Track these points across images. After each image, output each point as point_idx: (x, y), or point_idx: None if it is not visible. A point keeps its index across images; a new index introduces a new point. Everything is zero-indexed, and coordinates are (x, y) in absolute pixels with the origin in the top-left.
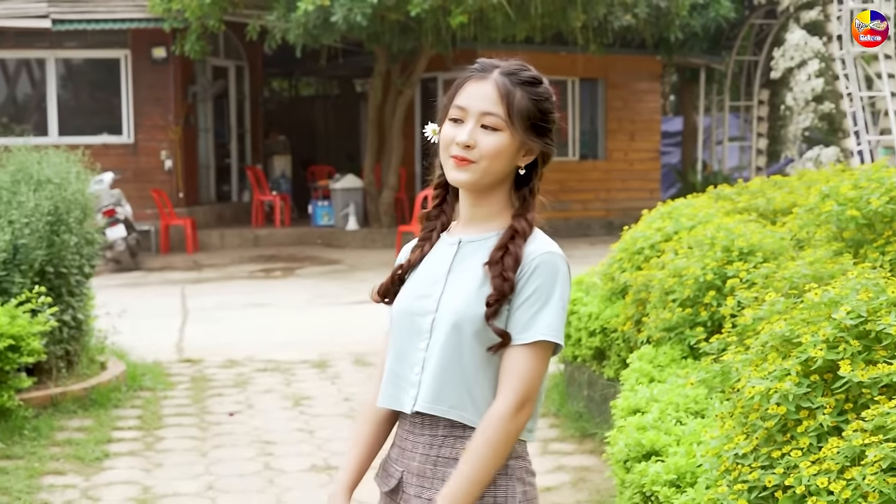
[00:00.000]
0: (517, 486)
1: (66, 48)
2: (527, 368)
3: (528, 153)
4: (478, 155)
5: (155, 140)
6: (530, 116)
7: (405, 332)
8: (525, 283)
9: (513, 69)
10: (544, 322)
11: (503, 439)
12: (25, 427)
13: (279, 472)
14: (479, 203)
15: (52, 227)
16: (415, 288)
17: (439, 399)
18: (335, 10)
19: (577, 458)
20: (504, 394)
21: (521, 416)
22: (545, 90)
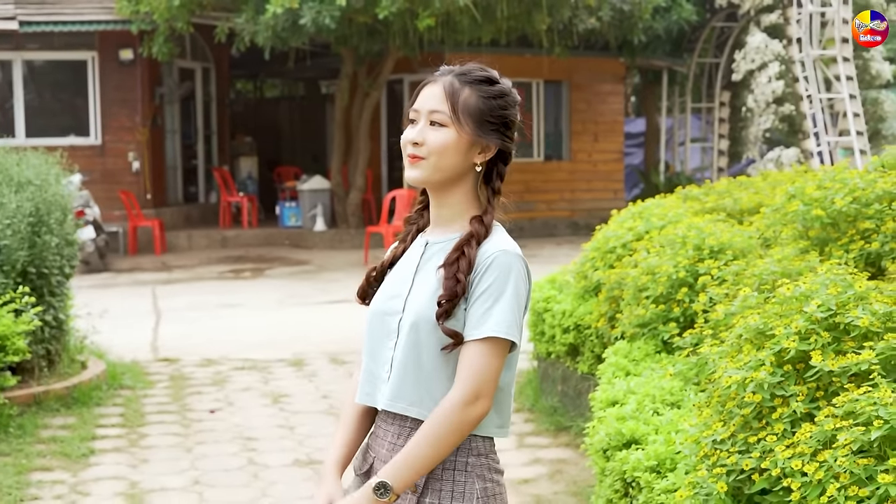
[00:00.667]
0: (476, 482)
1: (33, 50)
2: (479, 363)
3: (485, 151)
4: (426, 151)
5: (122, 141)
6: (479, 113)
7: (377, 332)
8: (479, 281)
9: (465, 70)
10: (495, 319)
11: (449, 428)
12: (10, 425)
13: (263, 467)
14: (441, 203)
15: (34, 229)
16: (387, 289)
17: (398, 397)
18: (304, 12)
19: (553, 451)
20: (456, 386)
21: (472, 409)
22: (499, 89)
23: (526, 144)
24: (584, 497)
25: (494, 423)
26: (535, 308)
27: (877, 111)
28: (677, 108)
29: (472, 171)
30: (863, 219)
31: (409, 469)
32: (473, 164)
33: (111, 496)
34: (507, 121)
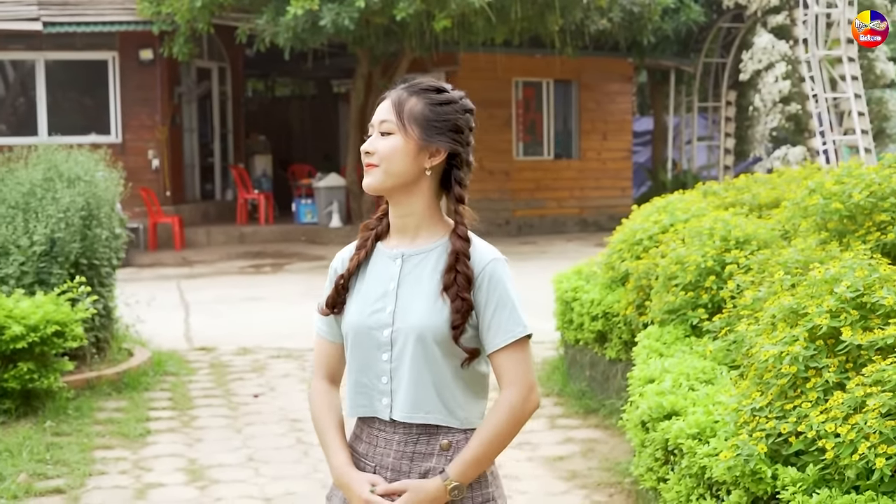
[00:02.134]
0: (486, 471)
1: (56, 50)
2: (522, 363)
3: (434, 155)
4: (378, 158)
5: (142, 140)
6: (424, 118)
7: (365, 346)
8: (487, 294)
9: (414, 82)
10: (519, 321)
11: (514, 427)
12: (68, 407)
13: (311, 446)
14: (402, 212)
15: (85, 222)
16: (365, 303)
17: (416, 407)
18: (324, 14)
19: (584, 431)
20: (511, 386)
21: (529, 404)
22: (446, 97)
23: (536, 143)
24: (616, 472)
25: (478, 414)
26: (563, 297)
27: (881, 110)
28: (684, 107)
29: (426, 176)
30: (879, 211)
31: (474, 468)
32: (424, 168)
33: (172, 471)
34: (455, 125)
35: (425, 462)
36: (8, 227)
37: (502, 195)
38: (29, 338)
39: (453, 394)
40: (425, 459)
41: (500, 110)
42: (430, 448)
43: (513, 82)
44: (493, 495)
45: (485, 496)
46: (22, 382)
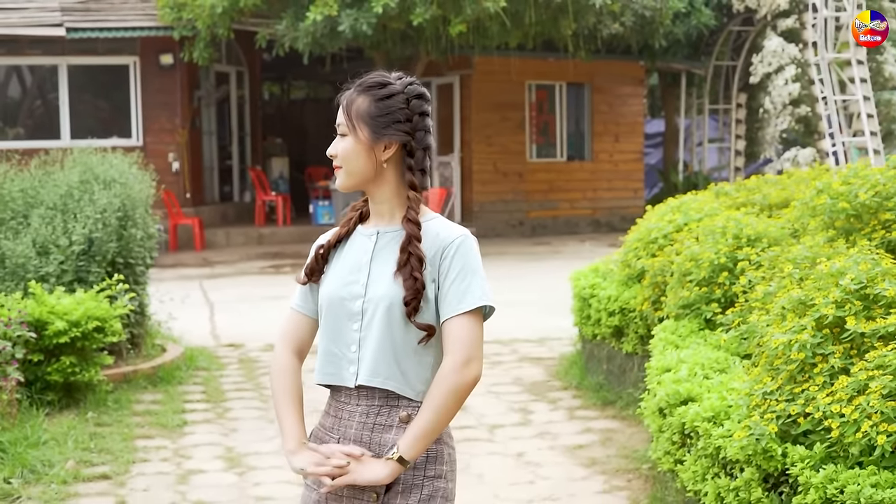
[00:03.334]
0: (444, 448)
1: (78, 55)
2: (465, 332)
3: (388, 147)
4: (339, 160)
5: (163, 143)
6: (369, 115)
7: (337, 316)
8: (450, 264)
9: (360, 80)
10: (473, 293)
11: (450, 395)
12: (108, 399)
13: None
14: (374, 200)
15: (121, 223)
16: (341, 275)
17: (375, 372)
18: (342, 19)
19: (602, 422)
20: (451, 354)
21: (466, 372)
22: (389, 90)
23: (549, 145)
24: (634, 458)
25: None
26: (581, 294)
27: (889, 112)
28: (695, 109)
29: (381, 167)
30: (884, 211)
31: (420, 441)
32: (381, 161)
33: (212, 458)
34: (403, 116)
35: (385, 433)
36: (48, 227)
37: (516, 196)
38: (71, 333)
39: (414, 366)
40: (385, 431)
41: (513, 113)
42: (391, 420)
43: (526, 85)
44: (443, 473)
45: (437, 472)
46: (64, 375)
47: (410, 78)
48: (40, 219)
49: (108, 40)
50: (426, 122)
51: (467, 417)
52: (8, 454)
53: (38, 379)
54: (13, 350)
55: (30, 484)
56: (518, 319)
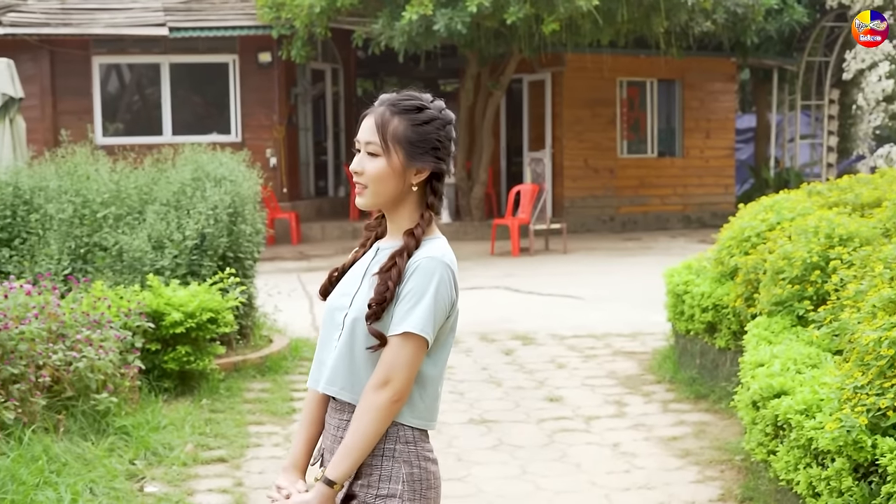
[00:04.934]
0: (402, 467)
1: (180, 53)
2: (394, 355)
3: (420, 172)
4: (366, 179)
5: (261, 139)
6: (407, 140)
7: (328, 325)
8: (406, 283)
9: (395, 100)
10: (414, 317)
11: (366, 414)
12: (220, 388)
13: (444, 425)
14: (391, 218)
15: (231, 219)
16: (341, 287)
17: (333, 381)
18: (437, 18)
19: (695, 414)
20: (373, 375)
21: (381, 393)
22: (427, 115)
23: (640, 141)
24: (726, 450)
25: (417, 413)
26: (675, 290)
27: None
28: (787, 105)
29: (411, 190)
30: None
31: (343, 460)
32: (411, 184)
33: None
34: (437, 144)
35: None
36: (162, 222)
37: (607, 192)
38: (186, 324)
39: (366, 377)
40: None
41: (604, 109)
42: None
43: (617, 82)
44: (398, 493)
45: (391, 490)
46: (180, 364)
47: (441, 101)
48: (155, 215)
49: (209, 39)
50: (452, 147)
51: (563, 409)
52: (132, 437)
53: (155, 367)
54: (133, 339)
55: (153, 465)
56: (610, 314)
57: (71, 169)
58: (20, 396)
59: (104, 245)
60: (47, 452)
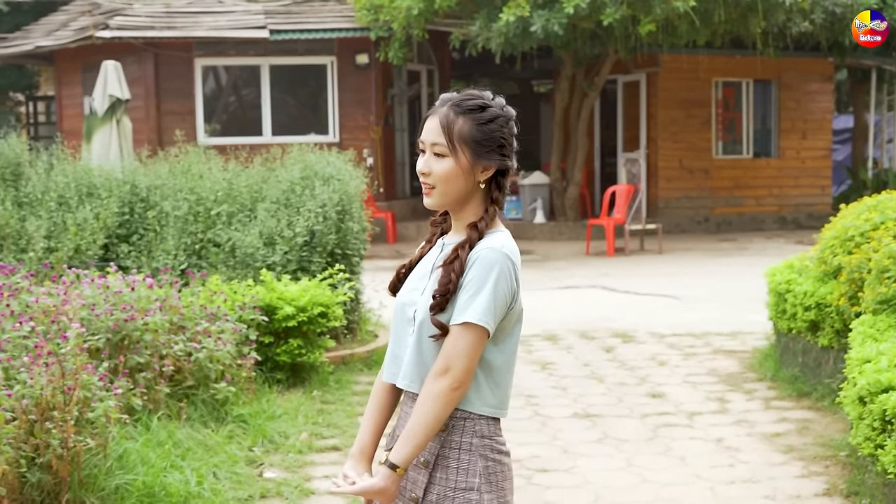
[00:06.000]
0: (479, 460)
1: (279, 55)
2: (453, 344)
3: (486, 169)
4: (434, 180)
5: (358, 139)
6: (473, 140)
7: (399, 320)
8: (467, 274)
9: (459, 100)
10: (473, 307)
11: (426, 401)
12: (330, 380)
13: (548, 418)
14: (456, 216)
15: (339, 216)
16: (410, 283)
17: (405, 375)
18: (534, 20)
19: (798, 412)
20: (435, 363)
21: (441, 381)
22: (490, 114)
23: (735, 142)
24: (831, 446)
25: (490, 402)
26: (777, 289)
27: None
28: (885, 106)
29: (478, 187)
30: None
31: (406, 444)
32: (478, 182)
33: None
34: (501, 141)
35: None
36: (272, 219)
37: (701, 193)
38: (298, 317)
39: None
40: None
41: (699, 110)
42: None
43: (713, 82)
44: (475, 486)
45: (468, 484)
46: (292, 357)
47: (501, 98)
48: (266, 212)
49: (308, 41)
50: (515, 142)
51: (666, 404)
52: (249, 425)
53: (268, 359)
54: (247, 332)
55: (270, 452)
56: (708, 313)
57: (185, 168)
58: (146, 384)
59: (217, 241)
60: (172, 438)
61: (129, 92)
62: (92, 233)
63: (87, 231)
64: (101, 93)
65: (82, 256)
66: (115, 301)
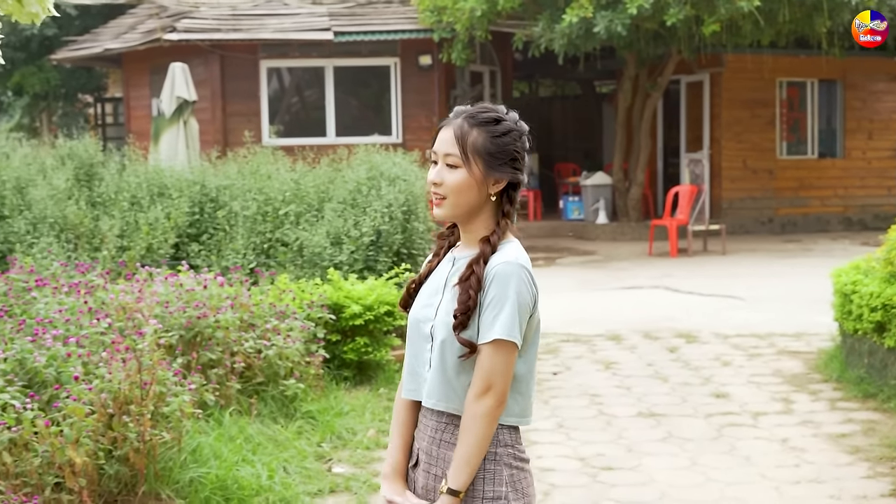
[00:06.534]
0: (504, 469)
1: (343, 57)
2: (489, 363)
3: (498, 182)
4: (445, 191)
5: (421, 140)
6: (487, 152)
7: (416, 337)
8: (486, 293)
9: (473, 112)
10: (500, 323)
11: (472, 422)
12: (395, 378)
13: (612, 417)
14: (466, 228)
15: (405, 217)
16: (422, 299)
17: (431, 394)
18: (597, 21)
19: (863, 413)
20: (472, 384)
21: (484, 401)
22: (504, 127)
23: (800, 142)
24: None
25: (513, 412)
26: (843, 290)
27: None
28: None
29: (489, 200)
30: None
31: (463, 469)
32: (489, 194)
33: None
34: (514, 155)
35: (449, 451)
36: (339, 219)
37: (765, 193)
38: (365, 316)
39: (460, 386)
40: (449, 448)
41: (763, 110)
42: (453, 438)
43: (777, 82)
44: (503, 494)
45: (496, 493)
46: (358, 354)
47: (515, 113)
48: (332, 212)
49: (371, 43)
50: (527, 157)
51: (730, 404)
52: (318, 421)
53: (335, 357)
54: (315, 330)
55: (338, 448)
56: (773, 314)
57: (253, 168)
58: (218, 380)
59: (285, 241)
60: (243, 433)
61: (195, 93)
62: (163, 232)
63: (158, 230)
64: (168, 94)
65: (154, 255)
66: (188, 299)
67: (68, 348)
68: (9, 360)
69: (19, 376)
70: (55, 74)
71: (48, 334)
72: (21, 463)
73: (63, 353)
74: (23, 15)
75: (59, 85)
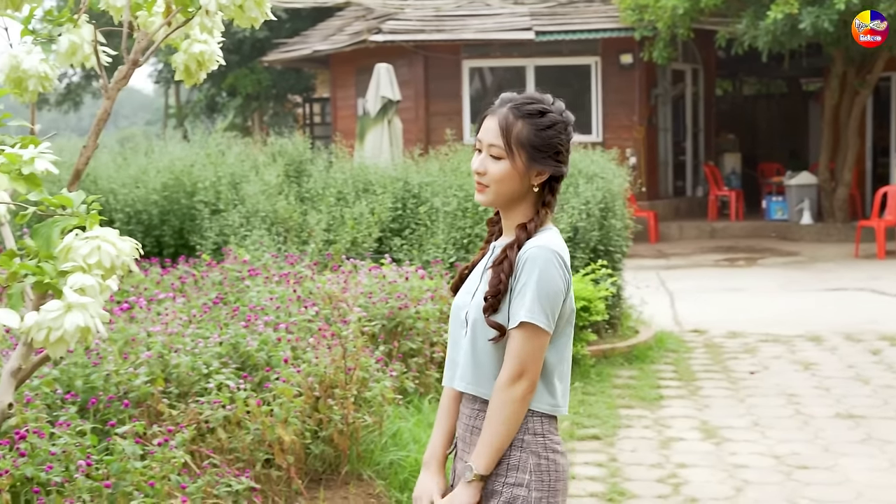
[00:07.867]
0: (530, 457)
1: (544, 56)
2: (520, 347)
3: (540, 174)
4: (489, 180)
5: (621, 139)
6: (531, 144)
7: (454, 323)
8: (519, 276)
9: (519, 103)
10: (532, 308)
11: (501, 407)
12: (590, 373)
13: (810, 417)
14: (507, 216)
15: (602, 213)
16: (465, 286)
17: (462, 377)
18: (803, 17)
19: None
20: (503, 369)
21: (516, 387)
22: (549, 119)
23: None
24: None
25: (545, 399)
26: None
27: None
28: None
29: (531, 190)
30: None
31: (485, 453)
32: (532, 185)
33: (689, 429)
34: (558, 148)
35: None
36: None
37: None
38: None
39: (490, 370)
40: None
41: None
42: None
43: None
44: (524, 482)
45: (518, 479)
46: None
47: (561, 102)
48: None
49: (572, 42)
50: (570, 146)
51: None
52: None
53: None
54: None
55: None
56: None
57: (454, 166)
58: (417, 369)
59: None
60: None
61: (399, 93)
62: (367, 226)
63: (363, 225)
64: (373, 94)
65: (359, 248)
66: (390, 290)
67: (278, 334)
68: (224, 343)
69: (233, 359)
70: (266, 76)
71: (260, 320)
72: (234, 439)
73: (273, 338)
74: (244, 19)
75: (270, 86)
